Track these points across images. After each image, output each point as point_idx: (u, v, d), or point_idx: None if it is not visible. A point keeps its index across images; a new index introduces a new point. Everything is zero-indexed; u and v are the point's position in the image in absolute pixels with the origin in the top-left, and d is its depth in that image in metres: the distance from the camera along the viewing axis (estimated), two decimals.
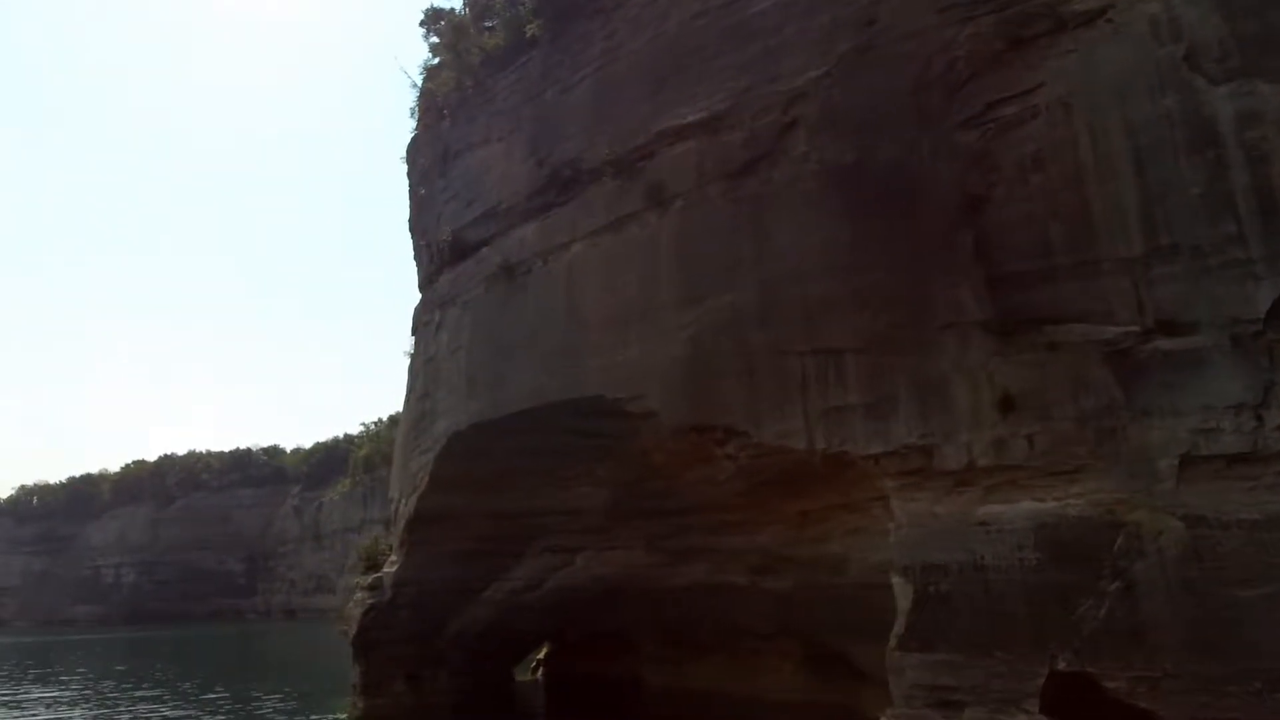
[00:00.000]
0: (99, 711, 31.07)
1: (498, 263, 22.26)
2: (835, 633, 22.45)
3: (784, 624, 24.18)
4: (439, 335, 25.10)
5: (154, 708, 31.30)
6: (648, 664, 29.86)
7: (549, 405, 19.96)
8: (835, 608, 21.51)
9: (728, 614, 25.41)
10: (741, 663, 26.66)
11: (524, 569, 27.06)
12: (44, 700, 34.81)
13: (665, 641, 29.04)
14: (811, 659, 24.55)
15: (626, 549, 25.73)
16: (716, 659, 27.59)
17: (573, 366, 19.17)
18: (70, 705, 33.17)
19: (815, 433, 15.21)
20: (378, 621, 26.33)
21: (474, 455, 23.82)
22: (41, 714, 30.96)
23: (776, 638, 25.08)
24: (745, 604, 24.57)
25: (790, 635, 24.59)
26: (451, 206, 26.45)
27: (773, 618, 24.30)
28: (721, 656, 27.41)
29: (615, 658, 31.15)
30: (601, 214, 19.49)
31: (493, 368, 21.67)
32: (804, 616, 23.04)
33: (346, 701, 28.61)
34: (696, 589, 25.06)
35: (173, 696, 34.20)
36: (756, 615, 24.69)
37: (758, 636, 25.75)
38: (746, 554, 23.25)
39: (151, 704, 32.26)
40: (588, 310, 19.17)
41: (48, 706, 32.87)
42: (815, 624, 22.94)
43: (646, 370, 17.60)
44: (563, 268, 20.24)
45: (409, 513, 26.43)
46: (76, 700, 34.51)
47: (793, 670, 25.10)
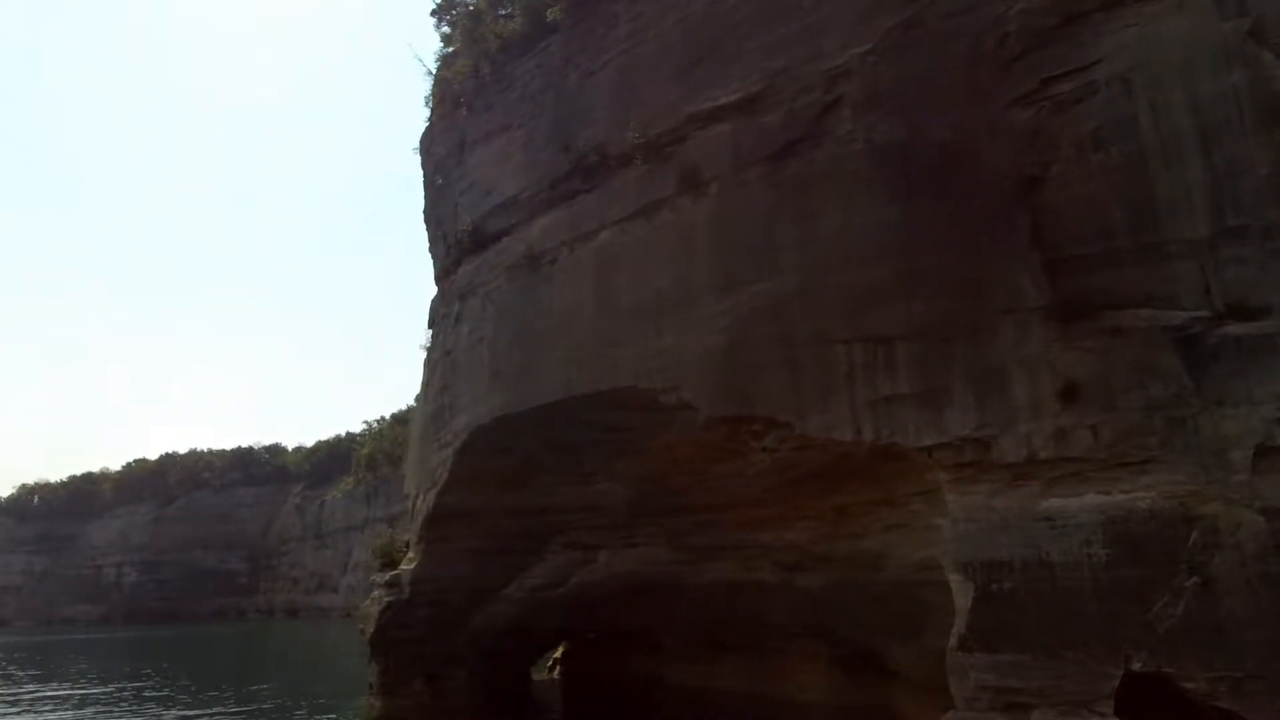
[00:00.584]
0: (115, 712, 30.50)
1: (521, 252, 21.67)
2: (868, 631, 21.87)
3: (813, 622, 23.60)
4: (458, 327, 24.50)
5: (168, 708, 30.76)
6: (668, 663, 29.31)
7: (578, 397, 19.37)
8: (870, 606, 20.93)
9: (753, 612, 24.82)
10: (767, 662, 26.11)
11: (544, 567, 26.47)
12: (57, 700, 34.24)
13: (687, 640, 28.47)
14: (841, 658, 23.98)
15: (648, 546, 25.16)
16: (740, 658, 27.05)
17: (603, 357, 18.57)
18: (82, 705, 32.61)
19: (863, 424, 14.62)
20: (396, 620, 25.75)
21: (495, 450, 23.26)
22: (59, 715, 30.40)
23: (804, 636, 24.50)
24: (773, 602, 23.98)
25: (819, 634, 24.02)
26: (469, 196, 25.85)
27: (801, 616, 23.73)
28: (745, 655, 26.86)
29: (635, 656, 30.61)
30: (631, 200, 18.89)
31: (517, 359, 21.07)
32: (835, 615, 22.47)
33: (363, 702, 28.06)
34: (721, 587, 24.47)
35: (186, 696, 33.67)
36: (784, 613, 24.11)
37: (784, 635, 25.18)
38: (776, 551, 22.66)
39: (166, 705, 31.73)
40: (618, 299, 18.56)
41: (62, 707, 32.31)
42: (847, 623, 22.37)
43: (681, 360, 17.01)
44: (590, 256, 19.64)
45: (427, 509, 25.83)
46: (91, 700, 33.93)
47: (821, 670, 24.53)
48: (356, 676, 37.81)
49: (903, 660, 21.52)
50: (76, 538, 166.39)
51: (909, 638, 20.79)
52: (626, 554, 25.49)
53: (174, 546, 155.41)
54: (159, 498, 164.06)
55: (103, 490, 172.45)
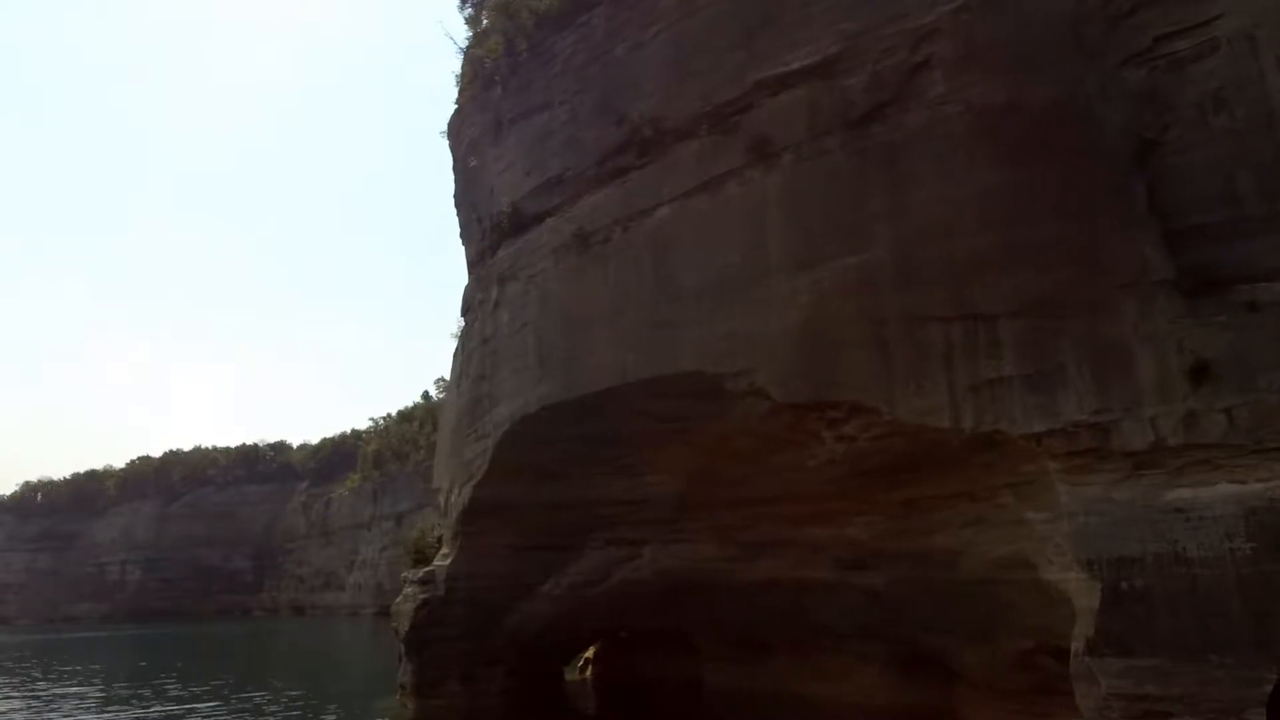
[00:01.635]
0: (137, 711, 29.44)
1: (569, 233, 20.57)
2: (933, 632, 20.79)
3: (871, 622, 22.50)
4: (497, 313, 23.41)
5: (191, 707, 29.69)
6: (708, 664, 28.18)
7: (635, 384, 18.28)
8: (939, 605, 19.85)
9: (805, 612, 23.73)
10: (816, 663, 24.99)
11: (585, 563, 25.40)
12: (73, 699, 33.16)
13: (728, 640, 27.34)
14: (897, 660, 22.88)
15: (695, 542, 24.08)
16: (786, 659, 25.93)
17: (663, 341, 17.47)
18: (105, 704, 31.52)
19: (962, 409, 13.53)
20: (431, 618, 24.69)
21: (538, 441, 22.18)
22: (79, 714, 29.36)
23: (858, 637, 23.39)
24: (827, 601, 22.90)
25: (875, 634, 22.91)
26: (507, 177, 24.74)
27: (857, 616, 22.62)
28: (792, 657, 25.74)
29: (671, 657, 29.49)
30: (691, 174, 17.79)
31: (566, 345, 19.98)
32: (897, 615, 21.38)
33: (391, 702, 27.00)
34: (772, 585, 23.39)
35: (207, 695, 32.53)
36: (838, 613, 23.02)
37: (837, 636, 24.07)
38: (833, 547, 21.59)
39: (190, 703, 30.64)
40: (680, 279, 17.45)
41: (84, 706, 31.24)
42: (909, 623, 21.29)
43: (753, 343, 15.90)
44: (647, 234, 18.54)
45: (463, 503, 24.75)
46: (110, 700, 32.83)
47: (877, 671, 23.42)
48: (377, 675, 36.80)
49: (969, 662, 20.46)
50: (80, 535, 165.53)
51: (979, 639, 19.73)
52: (672, 550, 24.41)
53: (178, 544, 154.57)
54: (163, 495, 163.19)
55: (106, 487, 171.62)
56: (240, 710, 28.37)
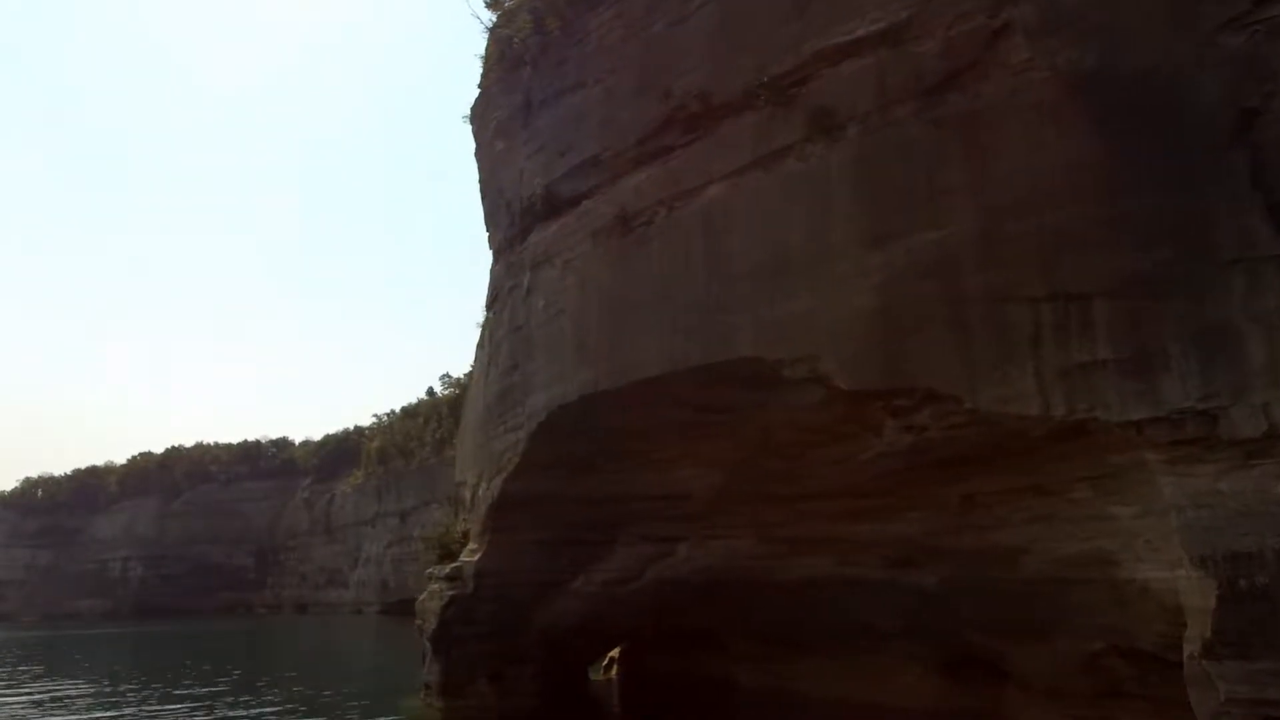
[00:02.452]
0: (155, 709, 28.64)
1: (609, 215, 19.73)
2: (987, 633, 19.98)
3: (918, 622, 21.69)
4: (530, 300, 22.57)
5: (209, 705, 28.91)
6: (740, 664, 27.33)
7: (683, 372, 17.40)
8: (995, 605, 19.04)
9: (847, 611, 22.91)
10: (856, 664, 24.14)
11: (617, 559, 24.60)
12: (87, 698, 32.35)
13: (762, 639, 26.48)
14: (945, 661, 22.06)
15: (733, 538, 23.28)
16: (823, 660, 25.08)
17: (715, 326, 16.61)
18: (119, 703, 30.71)
19: (1051, 396, 12.66)
20: (460, 616, 23.89)
21: (574, 432, 21.36)
22: (96, 713, 28.57)
23: (902, 638, 22.57)
24: (873, 600, 22.09)
25: (921, 635, 22.10)
26: (538, 160, 23.89)
27: (904, 616, 21.81)
28: (830, 657, 24.88)
29: (700, 656, 28.63)
30: (746, 150, 16.93)
31: (608, 332, 19.13)
32: (947, 615, 20.57)
33: (413, 702, 26.20)
34: (813, 583, 22.59)
35: (224, 695, 31.73)
36: (883, 613, 22.20)
37: (879, 636, 23.23)
38: (881, 544, 20.78)
39: (206, 701, 29.84)
40: (734, 260, 16.60)
41: (99, 704, 30.43)
42: (961, 623, 20.48)
43: (818, 326, 15.04)
44: (696, 214, 17.68)
45: (493, 497, 23.92)
46: (129, 699, 31.99)
47: (922, 673, 22.60)
48: (394, 674, 36.01)
49: (1025, 664, 19.64)
50: (81, 532, 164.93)
51: (1038, 640, 18.92)
52: (709, 546, 23.62)
53: (180, 541, 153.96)
54: (165, 492, 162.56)
55: (108, 484, 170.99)
56: (261, 710, 27.57)
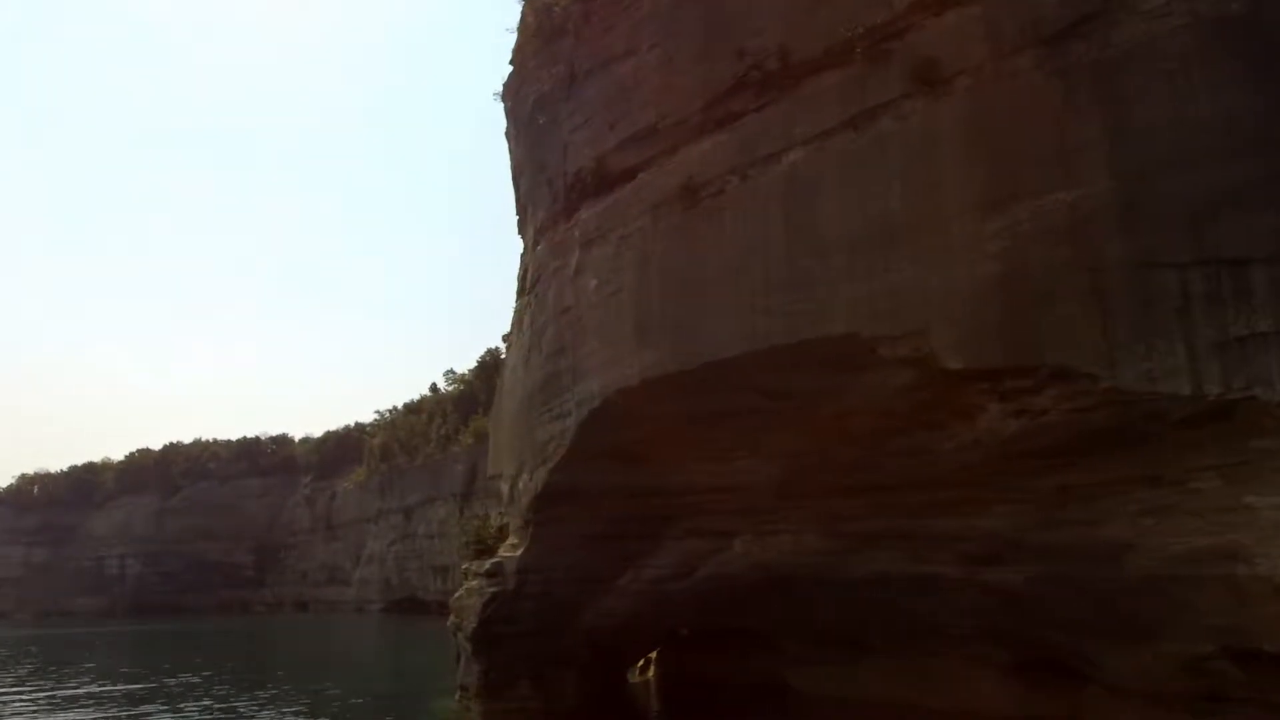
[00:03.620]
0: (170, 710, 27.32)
1: (673, 187, 18.42)
2: (1076, 634, 18.70)
3: (995, 623, 20.45)
4: (580, 280, 21.24)
5: (231, 705, 27.60)
6: (791, 666, 26.09)
7: (764, 352, 16.09)
8: (1089, 604, 17.73)
9: (916, 611, 21.67)
10: (922, 667, 22.91)
11: (667, 555, 23.30)
12: (100, 698, 30.97)
13: (817, 640, 25.25)
14: (1024, 664, 20.83)
15: (795, 533, 21.96)
16: (885, 662, 23.85)
17: (801, 302, 15.31)
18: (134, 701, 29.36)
19: (1205, 373, 11.41)
20: (501, 614, 22.59)
21: (630, 420, 20.05)
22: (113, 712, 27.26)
23: (977, 639, 21.34)
24: (946, 600, 20.82)
25: (998, 636, 20.87)
26: (585, 132, 22.57)
27: (982, 616, 20.55)
28: (892, 659, 23.66)
29: (746, 657, 27.39)
30: (832, 110, 15.64)
31: (674, 311, 17.82)
32: (1032, 615, 19.31)
33: (446, 704, 24.91)
34: (882, 581, 21.28)
35: (244, 695, 30.38)
36: (958, 613, 20.95)
37: (950, 637, 22.01)
38: (960, 540, 19.48)
39: (227, 701, 28.53)
40: (822, 229, 15.29)
41: (111, 704, 29.08)
42: (1046, 623, 19.22)
43: (928, 299, 13.75)
44: (775, 182, 16.38)
45: (536, 489, 22.60)
46: (139, 699, 30.63)
47: (996, 676, 21.35)
48: (417, 674, 34.77)
49: (1118, 667, 18.38)
50: (77, 528, 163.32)
51: (1135, 641, 17.69)
52: (767, 542, 22.30)
53: (178, 538, 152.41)
54: (163, 488, 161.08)
55: (104, 480, 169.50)
56: (287, 712, 26.26)
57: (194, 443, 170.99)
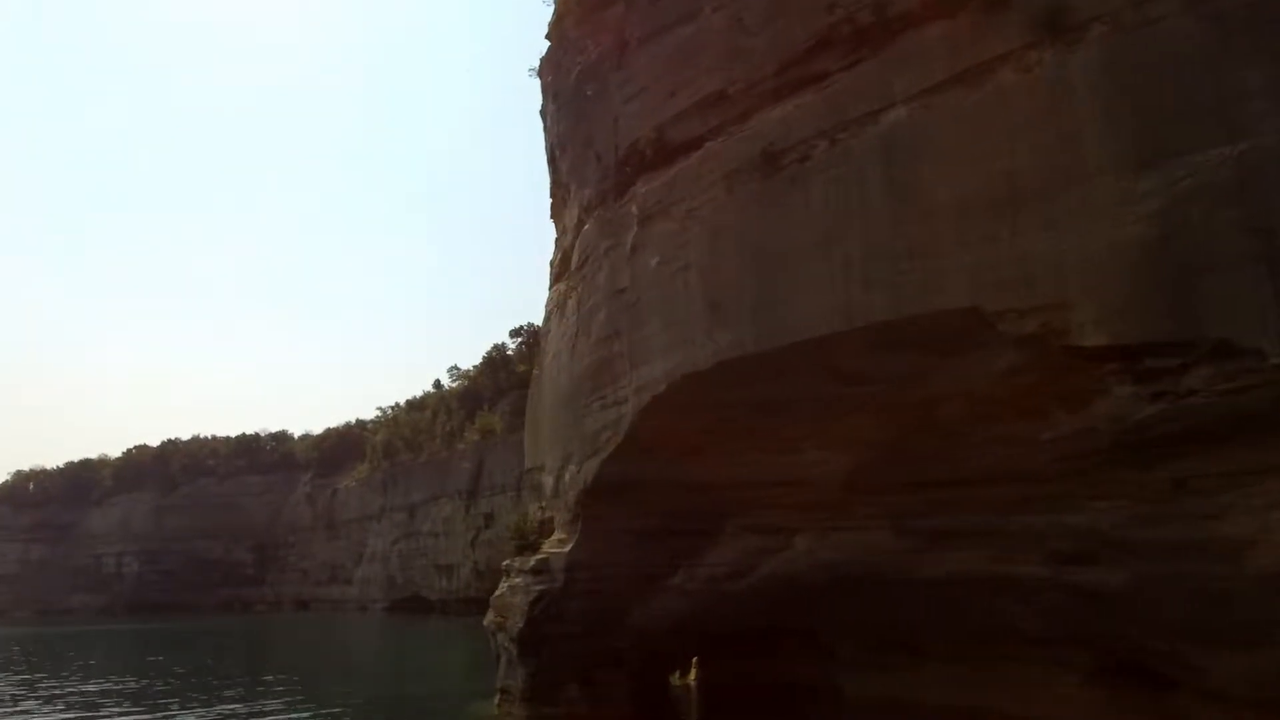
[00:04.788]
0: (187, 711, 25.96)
1: (750, 154, 17.11)
2: (1175, 638, 17.39)
3: (1081, 626, 19.15)
4: (638, 259, 19.91)
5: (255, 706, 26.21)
6: (844, 670, 24.74)
7: (861, 330, 14.75)
8: (1197, 606, 16.41)
9: (992, 613, 20.36)
10: (991, 672, 21.60)
11: (723, 553, 21.99)
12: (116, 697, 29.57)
13: (874, 644, 23.92)
14: (1108, 669, 19.54)
15: (865, 530, 20.63)
16: (951, 667, 22.52)
17: (910, 273, 13.98)
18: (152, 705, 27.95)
19: None
20: (549, 613, 21.25)
21: (694, 407, 18.75)
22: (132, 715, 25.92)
23: (1056, 642, 20.05)
24: (1028, 601, 19.52)
25: (1081, 640, 19.58)
26: (640, 103, 21.25)
27: (1065, 618, 19.25)
28: (959, 664, 22.34)
29: (795, 661, 26.06)
30: (939, 64, 14.32)
31: (753, 287, 16.49)
32: (1127, 617, 17.99)
33: (488, 707, 23.55)
34: (958, 581, 19.96)
35: (267, 697, 28.97)
36: (1039, 615, 19.65)
37: (1025, 640, 20.71)
38: (1051, 537, 18.15)
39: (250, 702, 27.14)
40: (930, 195, 13.96)
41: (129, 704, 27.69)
42: (1140, 626, 17.92)
43: (1062, 267, 12.43)
44: (871, 144, 15.06)
45: (586, 481, 21.27)
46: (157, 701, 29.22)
47: (1078, 682, 20.06)
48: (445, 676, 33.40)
49: (1227, 673, 17.07)
50: (74, 526, 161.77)
51: (1251, 646, 16.41)
52: (833, 539, 20.98)
53: (177, 536, 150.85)
54: (161, 485, 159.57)
55: (102, 477, 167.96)
56: (324, 713, 24.89)
57: (192, 439, 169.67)
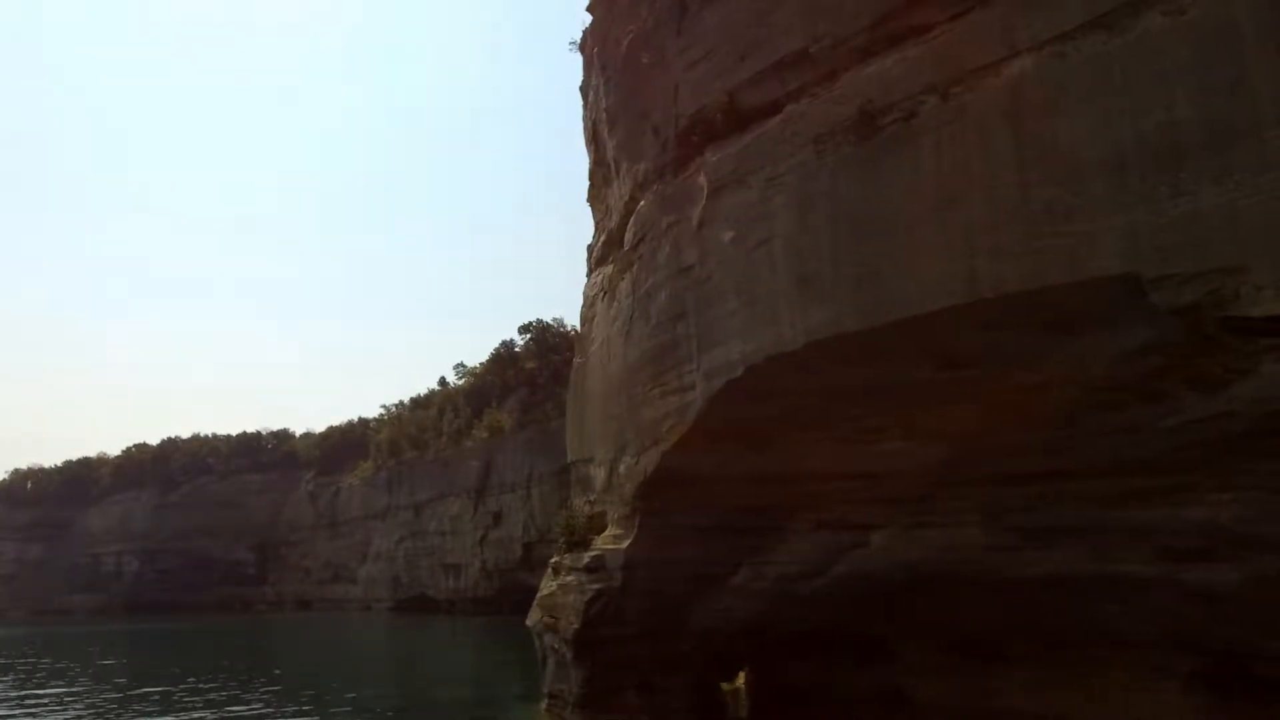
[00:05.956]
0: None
1: (844, 115, 15.64)
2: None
3: (1188, 628, 17.81)
4: (707, 233, 18.48)
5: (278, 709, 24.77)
6: (911, 676, 23.28)
7: (985, 303, 13.32)
8: None
9: (1088, 616, 19.01)
10: (1077, 678, 20.19)
11: (793, 550, 20.57)
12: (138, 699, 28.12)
13: (949, 648, 22.47)
14: (1212, 675, 18.17)
15: (950, 527, 19.22)
16: (1029, 672, 21.05)
17: (1053, 237, 12.52)
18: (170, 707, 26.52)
19: None
20: (607, 614, 19.83)
21: (775, 392, 17.33)
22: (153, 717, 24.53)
23: (1158, 646, 18.68)
24: (1130, 602, 18.17)
25: (1187, 643, 18.22)
26: (705, 68, 19.84)
27: (1173, 620, 17.91)
28: (1038, 669, 20.89)
29: (854, 665, 24.60)
30: (1073, 10, 12.85)
31: (854, 258, 15.03)
32: (1245, 619, 16.68)
33: (536, 712, 22.14)
34: (1056, 581, 18.59)
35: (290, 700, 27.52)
36: (1144, 617, 18.31)
37: (1116, 645, 19.36)
38: (1162, 533, 16.79)
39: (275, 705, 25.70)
40: (1072, 151, 12.50)
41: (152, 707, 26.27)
42: (1261, 629, 16.61)
43: (1236, 228, 11.01)
44: (993, 99, 13.58)
45: (645, 473, 19.84)
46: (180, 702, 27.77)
47: (1179, 688, 18.69)
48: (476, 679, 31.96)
49: None
50: (72, 525, 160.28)
51: None
52: (915, 536, 19.58)
53: (177, 535, 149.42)
54: (161, 484, 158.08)
55: (100, 476, 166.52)
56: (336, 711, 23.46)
57: (193, 438, 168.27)
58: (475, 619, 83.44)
